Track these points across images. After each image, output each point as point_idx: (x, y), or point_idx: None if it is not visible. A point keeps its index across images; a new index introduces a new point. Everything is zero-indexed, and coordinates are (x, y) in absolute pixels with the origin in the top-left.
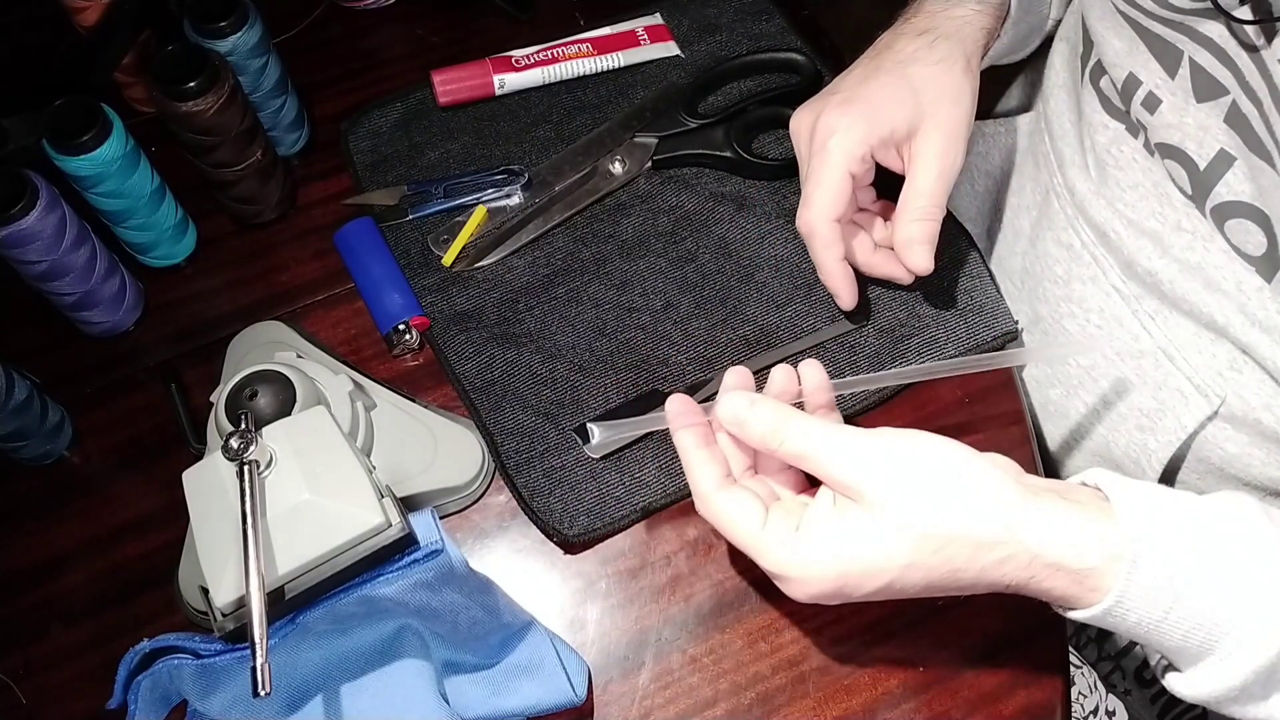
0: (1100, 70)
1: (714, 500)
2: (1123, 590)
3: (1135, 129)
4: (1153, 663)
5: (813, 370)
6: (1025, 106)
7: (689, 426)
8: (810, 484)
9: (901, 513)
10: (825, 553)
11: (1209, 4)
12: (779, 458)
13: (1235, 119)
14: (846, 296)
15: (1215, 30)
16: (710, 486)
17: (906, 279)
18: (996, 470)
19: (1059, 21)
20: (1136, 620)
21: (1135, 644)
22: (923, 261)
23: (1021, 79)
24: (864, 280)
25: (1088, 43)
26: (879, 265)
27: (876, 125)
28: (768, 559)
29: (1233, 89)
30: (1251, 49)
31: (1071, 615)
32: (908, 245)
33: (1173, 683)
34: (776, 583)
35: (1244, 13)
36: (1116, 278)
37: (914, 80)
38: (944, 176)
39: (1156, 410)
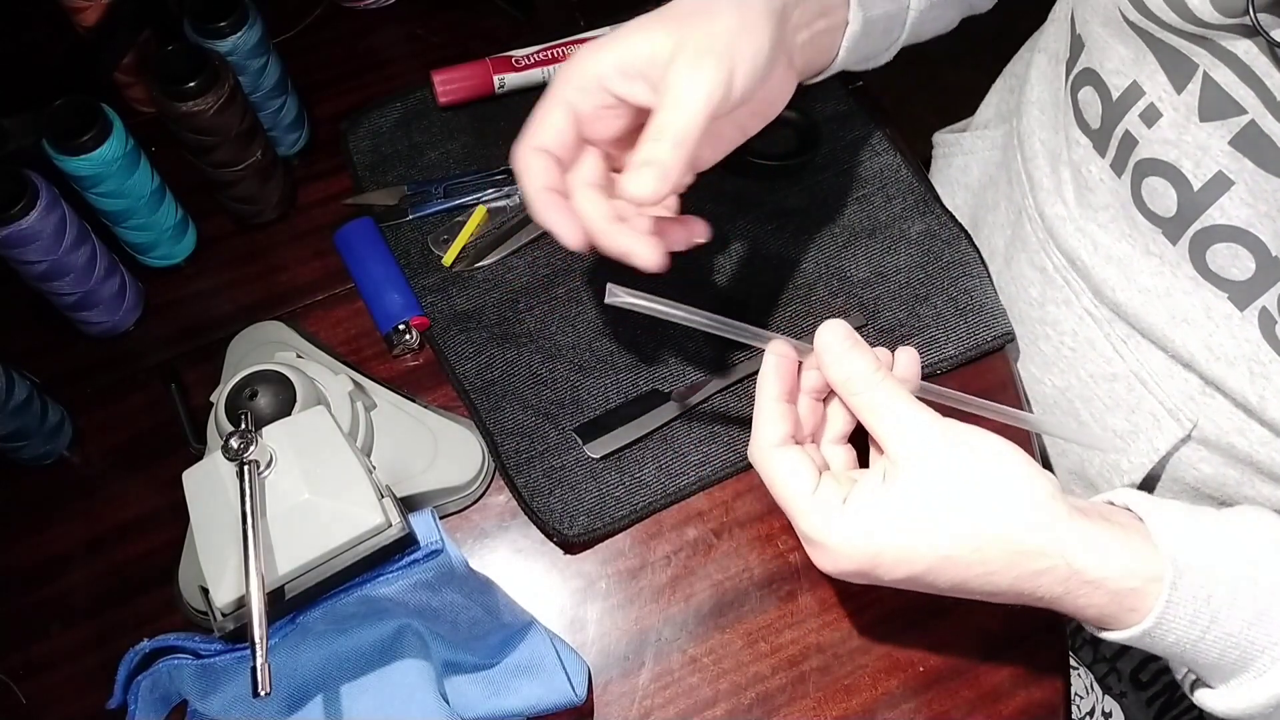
0: (1085, 79)
1: (774, 455)
2: (1162, 613)
3: (1106, 148)
4: (1180, 677)
5: (906, 359)
6: (1002, 119)
7: (779, 367)
8: (862, 464)
9: (951, 504)
10: (866, 528)
11: (1244, 22)
12: (852, 404)
13: (1247, 140)
14: (563, 232)
15: (1242, 47)
16: (774, 440)
17: (645, 259)
18: (1047, 483)
19: (921, 12)
20: (1174, 640)
21: (1131, 646)
22: (640, 186)
23: (998, 90)
24: (863, 281)
25: (1076, 48)
26: (613, 235)
27: (610, 51)
28: (809, 524)
29: (1253, 109)
30: None
31: (1107, 636)
32: (631, 169)
33: (1205, 699)
34: (808, 548)
35: None
36: (1089, 301)
37: (667, 11)
38: (689, 99)
39: (1130, 432)
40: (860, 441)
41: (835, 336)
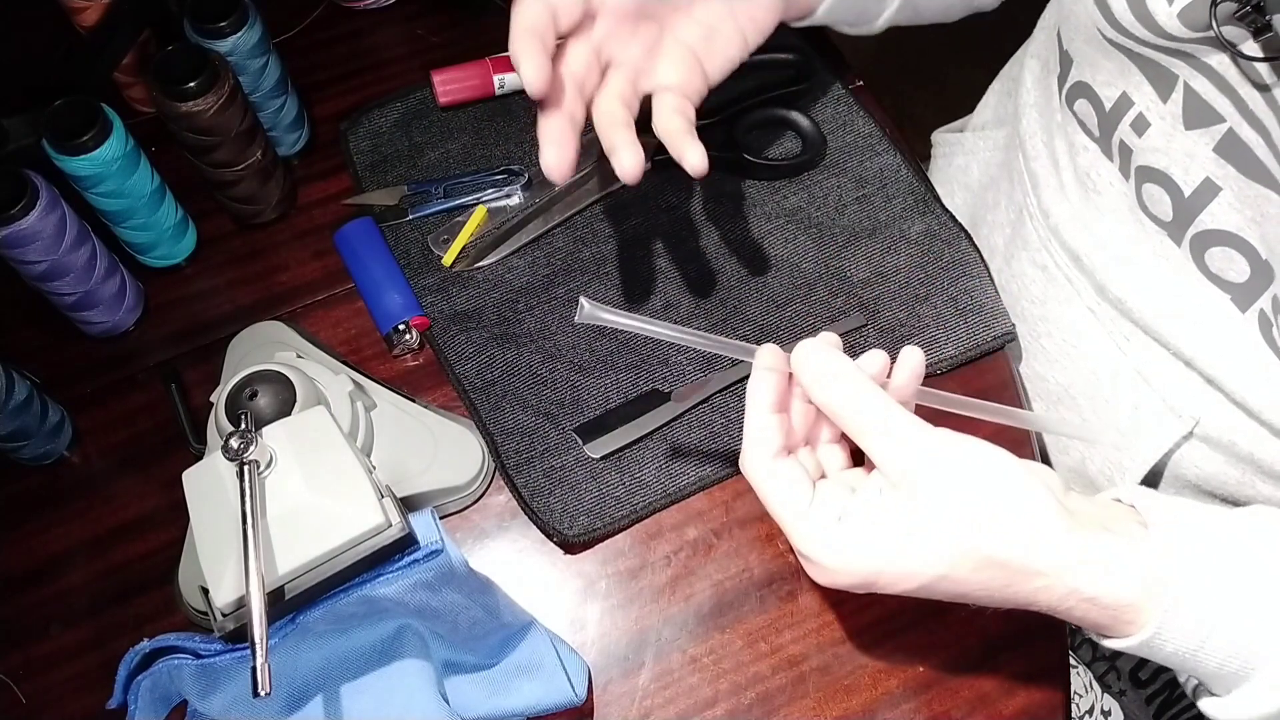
0: (1079, 92)
1: (766, 469)
2: (1160, 624)
3: (1111, 153)
4: (1188, 687)
5: (911, 359)
6: (1001, 121)
7: (768, 380)
8: (858, 460)
9: (946, 523)
10: (862, 547)
11: (1211, 35)
12: (841, 426)
13: (1228, 147)
14: (527, 71)
15: (1215, 59)
16: (764, 456)
17: (626, 164)
18: (1046, 494)
19: None
20: (1173, 650)
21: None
22: (695, 160)
23: (995, 93)
24: (863, 281)
25: (1065, 62)
26: (613, 131)
27: None
28: (805, 543)
29: (1230, 117)
30: (1261, 86)
31: (1107, 644)
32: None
33: (1209, 708)
34: (804, 565)
35: (1251, 48)
36: (1091, 299)
37: None
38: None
39: (1132, 429)
40: None
41: (814, 360)
